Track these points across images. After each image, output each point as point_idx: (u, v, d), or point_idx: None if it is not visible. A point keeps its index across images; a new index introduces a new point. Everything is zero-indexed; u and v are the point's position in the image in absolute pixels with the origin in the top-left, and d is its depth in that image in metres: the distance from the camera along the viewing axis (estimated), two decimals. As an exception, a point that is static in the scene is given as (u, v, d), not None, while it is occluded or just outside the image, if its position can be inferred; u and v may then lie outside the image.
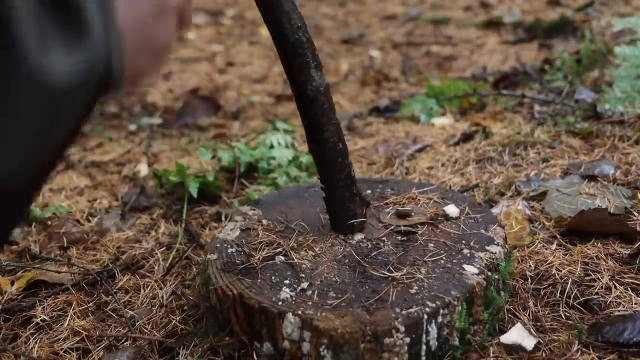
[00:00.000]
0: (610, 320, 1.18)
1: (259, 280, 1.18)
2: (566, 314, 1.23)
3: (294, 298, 1.12)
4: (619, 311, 1.21)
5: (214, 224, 1.77)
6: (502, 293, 1.23)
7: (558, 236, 1.48)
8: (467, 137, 2.14)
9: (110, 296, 1.45)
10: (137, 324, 1.34)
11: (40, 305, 1.42)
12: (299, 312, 1.08)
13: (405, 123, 2.47)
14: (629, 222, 1.47)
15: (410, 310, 1.06)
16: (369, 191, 1.51)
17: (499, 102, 2.55)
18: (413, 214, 1.37)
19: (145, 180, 2.10)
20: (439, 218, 1.36)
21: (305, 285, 1.16)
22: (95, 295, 1.46)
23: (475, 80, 2.97)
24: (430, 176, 1.90)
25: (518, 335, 1.16)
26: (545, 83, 2.66)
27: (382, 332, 1.04)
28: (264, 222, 1.41)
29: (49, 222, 1.80)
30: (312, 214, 1.42)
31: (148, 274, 1.54)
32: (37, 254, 1.66)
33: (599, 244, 1.42)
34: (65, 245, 1.71)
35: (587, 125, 2.05)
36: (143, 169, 2.20)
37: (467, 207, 1.40)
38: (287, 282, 1.17)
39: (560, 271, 1.33)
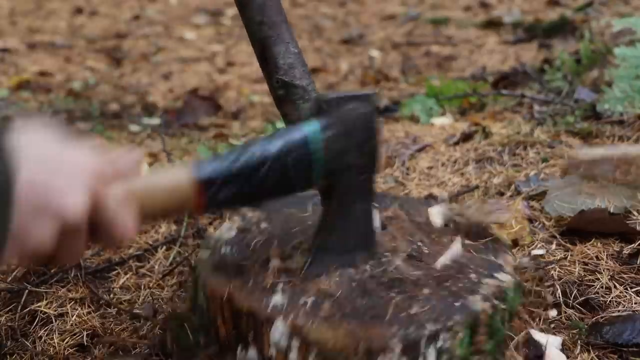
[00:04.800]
0: (610, 320, 1.18)
1: (250, 283, 1.14)
2: (566, 313, 1.23)
3: (285, 305, 1.07)
4: (618, 311, 1.21)
5: (217, 223, 1.77)
6: (507, 325, 1.16)
7: (558, 236, 1.48)
8: (466, 137, 2.14)
9: (111, 295, 1.45)
10: (138, 325, 1.34)
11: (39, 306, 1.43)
12: (290, 319, 1.03)
13: (405, 123, 2.47)
14: (628, 222, 1.47)
15: (408, 330, 1.00)
16: None
17: (499, 102, 2.55)
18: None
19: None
20: None
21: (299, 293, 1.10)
22: (95, 295, 1.46)
23: (474, 80, 2.98)
24: (430, 176, 1.90)
25: (554, 347, 1.13)
26: (544, 83, 2.67)
27: (376, 349, 0.98)
28: (263, 224, 1.37)
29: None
30: (315, 221, 1.34)
31: (148, 273, 1.54)
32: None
33: (599, 243, 1.42)
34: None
35: (586, 125, 2.05)
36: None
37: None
38: (279, 287, 1.13)
39: (560, 271, 1.34)
